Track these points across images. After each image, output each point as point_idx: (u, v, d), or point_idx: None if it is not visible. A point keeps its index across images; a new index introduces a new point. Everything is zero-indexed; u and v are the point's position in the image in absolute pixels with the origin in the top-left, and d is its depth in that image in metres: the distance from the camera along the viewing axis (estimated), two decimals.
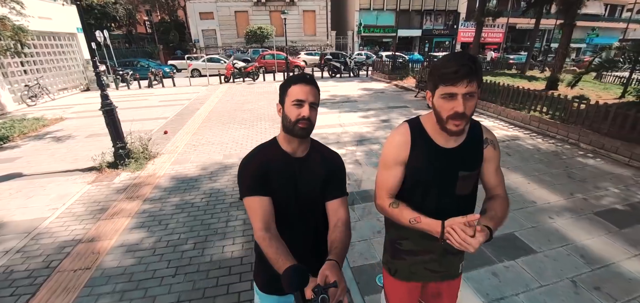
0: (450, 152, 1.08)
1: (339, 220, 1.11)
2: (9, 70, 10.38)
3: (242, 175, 1.09)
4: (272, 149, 1.13)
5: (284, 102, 1.08)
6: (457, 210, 1.07)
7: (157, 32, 28.41)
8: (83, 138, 6.65)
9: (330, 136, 6.25)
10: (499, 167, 1.18)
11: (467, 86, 0.91)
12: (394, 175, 1.14)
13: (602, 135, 5.07)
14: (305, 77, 1.07)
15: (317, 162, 1.15)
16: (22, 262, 2.84)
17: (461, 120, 0.96)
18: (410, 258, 1.25)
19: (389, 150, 1.14)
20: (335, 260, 0.92)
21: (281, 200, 1.10)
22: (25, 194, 4.14)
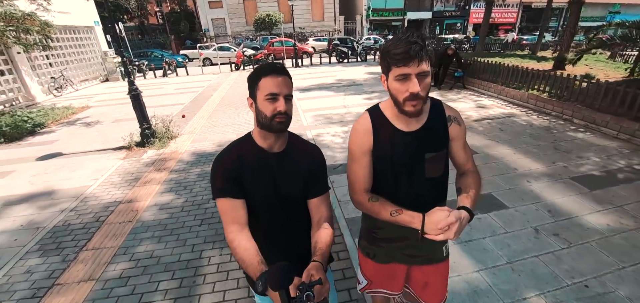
0: (413, 135, 1.07)
1: (321, 218, 1.09)
2: (36, 64, 11.16)
3: (214, 176, 1.03)
4: (247, 146, 1.07)
5: (255, 97, 1.01)
6: (431, 194, 1.10)
7: (167, 22, 29.05)
8: (109, 123, 7.30)
9: (334, 116, 6.69)
10: (466, 143, 1.17)
11: (420, 65, 0.90)
12: (363, 165, 1.11)
13: (594, 110, 5.32)
14: (276, 67, 1.01)
15: (296, 157, 1.10)
16: (76, 217, 3.45)
17: (418, 101, 0.95)
18: (387, 245, 1.25)
19: (353, 140, 1.12)
20: (319, 261, 0.92)
21: (261, 200, 1.06)
22: (68, 168, 4.78)
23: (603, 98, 5.24)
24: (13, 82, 10.09)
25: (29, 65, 10.64)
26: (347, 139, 5.29)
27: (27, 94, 10.50)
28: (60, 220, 3.42)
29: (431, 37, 24.63)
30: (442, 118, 1.10)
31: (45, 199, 3.90)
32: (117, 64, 14.78)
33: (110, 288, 2.46)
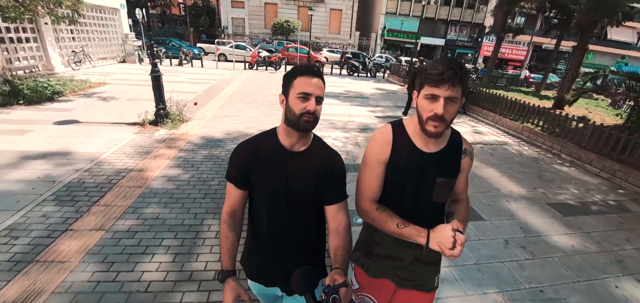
0: (429, 157, 1.09)
1: (340, 225, 1.10)
2: (60, 36, 11.68)
3: (232, 160, 1.12)
4: (269, 141, 1.11)
5: (288, 94, 1.04)
6: (430, 218, 1.11)
7: (189, 15, 29.89)
8: (125, 100, 7.69)
9: (337, 122, 7.03)
10: (467, 176, 1.22)
11: (449, 90, 0.93)
12: (376, 175, 1.13)
13: (581, 148, 5.60)
14: (312, 69, 1.04)
15: (315, 159, 1.11)
16: (90, 177, 3.77)
17: (440, 122, 0.97)
18: (381, 261, 1.26)
19: (371, 148, 1.14)
20: (341, 268, 0.95)
21: (270, 194, 1.09)
22: (84, 135, 5.13)
23: (590, 137, 5.53)
24: (36, 50, 10.59)
25: (54, 37, 11.16)
26: (347, 143, 5.63)
27: (47, 64, 10.99)
28: (75, 178, 3.74)
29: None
30: (458, 148, 1.13)
31: (61, 159, 4.23)
32: (136, 47, 15.32)
33: (119, 239, 2.76)
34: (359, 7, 27.80)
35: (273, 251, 1.14)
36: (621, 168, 4.92)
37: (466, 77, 0.96)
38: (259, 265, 1.19)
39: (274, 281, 1.20)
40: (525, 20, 27.22)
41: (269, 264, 1.17)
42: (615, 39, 29.69)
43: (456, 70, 0.93)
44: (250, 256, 1.22)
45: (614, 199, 4.37)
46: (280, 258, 1.15)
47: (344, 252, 1.04)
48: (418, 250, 1.09)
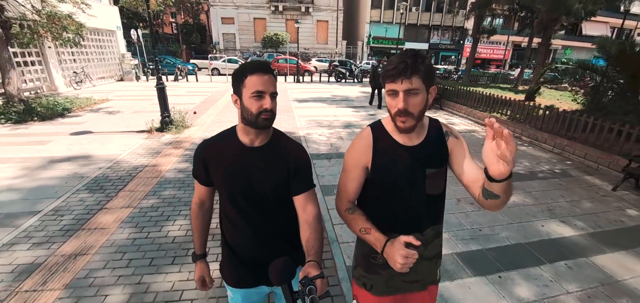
0: (413, 150, 1.06)
1: (309, 215, 1.08)
2: (62, 58, 12.34)
3: (194, 157, 1.14)
4: (228, 140, 1.10)
5: (240, 93, 1.01)
6: (428, 212, 1.09)
7: (181, 33, 30.76)
8: (130, 113, 8.36)
9: (324, 121, 7.78)
10: (472, 159, 1.09)
11: (405, 82, 0.92)
12: (353, 178, 1.12)
13: (538, 130, 6.42)
14: (262, 65, 1.01)
15: (276, 153, 1.10)
16: (112, 172, 4.43)
17: (405, 117, 0.96)
18: (387, 272, 1.16)
19: (350, 153, 1.12)
20: (315, 260, 0.93)
21: (235, 192, 1.09)
22: (99, 142, 5.78)
23: (544, 120, 6.36)
24: (41, 73, 11.23)
25: (57, 59, 11.82)
26: (331, 138, 6.37)
27: (51, 84, 11.61)
28: (100, 173, 4.40)
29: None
30: (440, 134, 1.10)
31: (84, 161, 4.88)
32: (132, 65, 16.02)
33: (145, 212, 3.42)
34: (345, 17, 28.96)
35: (248, 248, 1.14)
36: (569, 144, 5.73)
37: (424, 66, 0.93)
38: (238, 267, 1.18)
39: (257, 278, 1.19)
40: (503, 21, 28.62)
41: (248, 263, 1.17)
42: (590, 34, 31.23)
43: (408, 61, 0.91)
44: (228, 261, 1.21)
45: (560, 168, 5.15)
46: (257, 254, 1.15)
47: (316, 243, 1.01)
48: (422, 247, 1.02)
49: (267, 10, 27.02)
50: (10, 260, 2.61)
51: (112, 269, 2.55)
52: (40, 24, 7.65)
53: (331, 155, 5.37)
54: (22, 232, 3.01)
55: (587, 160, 5.38)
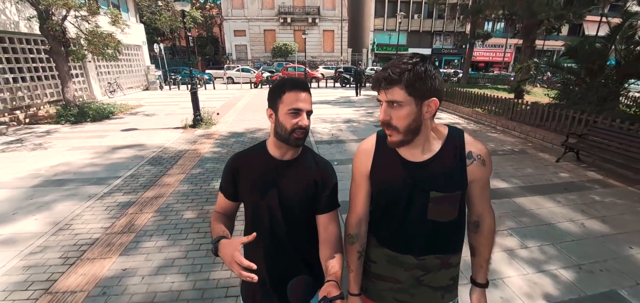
0: (418, 167, 0.93)
1: (331, 235, 1.07)
2: (99, 71, 14.08)
3: (224, 171, 1.14)
4: (259, 154, 1.11)
5: (277, 109, 1.01)
6: (432, 241, 0.98)
7: (196, 45, 32.81)
8: (163, 115, 9.86)
9: (327, 118, 9.08)
10: (487, 185, 0.99)
11: (388, 93, 0.85)
12: (358, 186, 1.06)
13: (509, 120, 7.54)
14: (301, 82, 1.01)
15: (305, 167, 1.10)
16: (164, 154, 5.82)
17: (389, 129, 0.89)
18: (379, 282, 1.11)
19: (354, 161, 1.07)
20: (335, 280, 0.91)
21: (263, 206, 1.08)
22: (147, 135, 7.22)
23: (513, 112, 7.48)
24: (82, 83, 12.94)
25: (95, 72, 13.55)
26: (332, 130, 7.65)
27: (90, 93, 13.31)
28: (155, 155, 5.79)
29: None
30: (460, 153, 0.93)
31: (140, 148, 6.29)
32: (156, 76, 17.78)
33: (195, 176, 4.76)
34: (350, 26, 30.45)
35: (271, 264, 1.09)
36: (531, 130, 6.84)
37: (412, 76, 0.81)
38: (259, 285, 1.11)
39: (276, 298, 1.15)
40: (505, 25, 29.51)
41: (268, 280, 1.12)
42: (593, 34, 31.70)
43: (390, 71, 0.83)
44: (247, 282, 1.13)
45: (519, 148, 6.28)
46: (277, 272, 1.11)
47: (337, 263, 0.98)
48: (419, 271, 0.99)
49: (277, 22, 28.74)
50: (114, 200, 3.97)
51: (182, 203, 3.87)
52: (91, 42, 9.24)
53: (331, 141, 6.65)
54: (114, 187, 4.38)
55: (544, 142, 6.48)
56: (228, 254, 0.92)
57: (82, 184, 4.47)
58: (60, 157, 5.65)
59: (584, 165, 5.30)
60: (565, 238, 3.18)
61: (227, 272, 2.63)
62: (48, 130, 7.90)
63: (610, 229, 3.34)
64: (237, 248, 0.91)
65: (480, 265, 1.07)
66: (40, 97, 10.64)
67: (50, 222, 3.45)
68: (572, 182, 4.60)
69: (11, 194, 4.14)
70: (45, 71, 10.92)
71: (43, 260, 2.81)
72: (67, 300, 2.35)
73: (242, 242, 0.93)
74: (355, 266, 1.08)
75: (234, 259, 0.89)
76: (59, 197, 4.05)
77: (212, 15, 35.36)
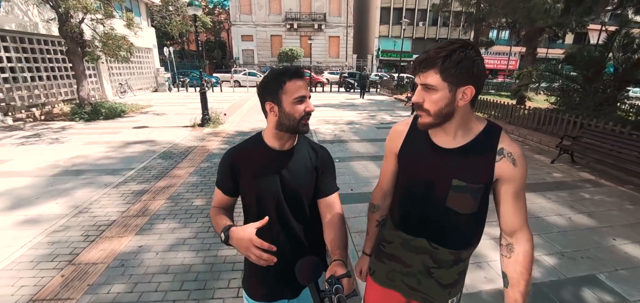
0: (444, 152, 0.94)
1: (334, 217, 1.09)
2: (111, 72, 14.56)
3: (219, 166, 1.13)
4: (256, 146, 1.11)
5: (280, 100, 1.00)
6: (444, 227, 0.98)
7: (204, 49, 33.49)
8: (173, 115, 10.22)
9: (330, 120, 9.35)
10: (522, 194, 0.93)
11: (423, 77, 0.85)
12: (388, 164, 1.13)
13: (507, 123, 7.72)
14: (301, 70, 1.03)
15: (303, 155, 1.12)
16: (174, 149, 6.11)
17: (421, 111, 0.90)
18: (390, 263, 1.14)
19: (388, 138, 1.10)
20: (341, 260, 0.94)
21: (267, 197, 1.08)
22: (157, 133, 7.54)
23: (511, 116, 7.66)
24: (95, 84, 13.40)
25: (107, 73, 14.03)
26: (335, 130, 7.91)
27: (102, 93, 13.77)
28: (165, 150, 6.09)
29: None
30: (492, 147, 0.91)
31: (151, 143, 6.60)
32: (166, 78, 18.26)
33: (203, 169, 5.03)
34: (355, 32, 30.87)
35: (278, 254, 1.00)
36: (529, 133, 7.01)
37: (449, 62, 0.81)
38: (263, 276, 1.15)
39: (280, 288, 1.17)
40: (509, 33, 29.67)
41: (274, 270, 1.07)
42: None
43: (428, 55, 0.83)
44: (251, 271, 1.18)
45: None
46: (285, 260, 1.07)
47: (341, 243, 1.02)
48: (430, 261, 1.01)
49: (283, 28, 29.27)
50: (129, 189, 4.25)
51: (192, 192, 4.14)
52: (105, 44, 9.65)
53: (333, 141, 6.90)
54: (128, 177, 4.67)
55: (541, 145, 6.64)
56: (245, 239, 0.93)
57: (98, 174, 4.76)
58: (76, 150, 5.97)
59: (578, 166, 5.46)
60: (551, 229, 3.36)
61: (233, 249, 2.88)
62: (63, 126, 8.28)
63: (596, 223, 3.52)
64: (253, 233, 0.93)
65: (514, 299, 0.95)
66: (55, 95, 11.10)
67: (70, 206, 3.74)
68: (564, 181, 4.77)
69: (33, 182, 4.44)
70: (61, 71, 11.41)
71: (66, 237, 3.08)
72: (89, 270, 2.61)
73: (256, 226, 0.94)
74: (372, 231, 1.22)
75: (252, 243, 0.91)
76: (77, 185, 4.35)
77: (220, 20, 36.11)
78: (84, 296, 2.32)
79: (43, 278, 2.50)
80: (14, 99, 9.36)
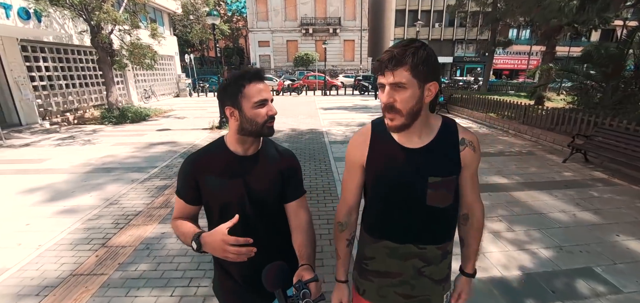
0: (415, 153, 0.94)
1: (302, 221, 1.08)
2: (136, 79, 15.45)
3: (180, 174, 1.08)
4: (218, 152, 1.07)
5: (239, 105, 0.98)
6: (431, 226, 0.99)
7: (222, 55, 34.63)
8: (193, 118, 10.77)
9: (343, 122, 9.56)
10: (476, 174, 1.03)
11: (389, 75, 0.84)
12: (351, 177, 1.07)
13: (520, 124, 7.64)
14: (260, 73, 1.01)
15: (268, 160, 1.10)
16: (194, 150, 6.50)
17: (392, 113, 0.88)
18: (378, 280, 1.09)
19: (348, 149, 1.06)
20: (308, 264, 0.94)
21: (231, 204, 1.05)
22: (179, 134, 8.03)
23: (524, 116, 7.58)
24: (122, 90, 14.28)
25: (133, 79, 14.90)
26: (346, 131, 8.11)
27: (128, 99, 14.64)
28: (186, 150, 6.51)
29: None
30: (454, 139, 0.97)
31: (173, 144, 7.06)
32: (187, 84, 19.12)
33: None
34: (370, 35, 30.95)
35: (244, 264, 0.97)
36: (542, 133, 6.93)
37: (416, 58, 0.82)
38: (237, 288, 1.14)
39: (250, 296, 1.14)
40: (530, 32, 28.79)
41: (249, 279, 1.10)
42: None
43: (394, 52, 0.83)
44: (221, 280, 1.16)
45: (528, 150, 6.40)
46: (253, 266, 1.01)
47: (308, 249, 1.01)
48: (420, 262, 1.01)
49: (299, 33, 29.80)
50: (153, 184, 4.64)
51: None
52: (132, 53, 10.35)
53: (344, 141, 7.11)
54: (152, 174, 5.08)
55: (554, 144, 6.56)
56: (217, 241, 0.90)
57: (126, 172, 5.21)
58: (106, 151, 6.51)
59: (591, 166, 5.38)
60: (553, 225, 3.42)
61: None
62: (94, 129, 8.96)
63: (601, 220, 3.54)
64: (225, 232, 0.90)
65: (469, 256, 1.11)
66: (87, 101, 11.97)
67: (102, 198, 4.16)
68: (574, 180, 4.75)
69: (69, 177, 4.94)
70: (91, 78, 12.28)
71: (99, 225, 3.47)
72: (119, 252, 2.95)
73: (227, 227, 0.91)
74: (343, 253, 1.13)
75: (226, 243, 0.89)
76: (107, 181, 4.79)
77: (238, 27, 37.19)
78: (115, 272, 2.65)
79: (80, 257, 2.87)
80: (51, 104, 10.21)
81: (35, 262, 2.82)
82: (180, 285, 2.52)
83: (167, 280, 2.57)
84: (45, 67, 10.03)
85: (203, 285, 2.51)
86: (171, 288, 2.49)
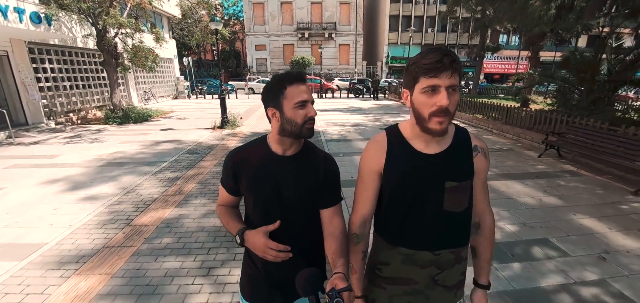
0: (433, 159, 0.96)
1: (336, 229, 1.08)
2: (136, 81, 15.80)
3: (224, 165, 1.14)
4: (259, 149, 1.11)
5: (281, 106, 1.01)
6: (448, 231, 1.00)
7: (220, 58, 35.05)
8: (194, 118, 11.18)
9: (338, 122, 10.07)
10: (486, 182, 1.06)
11: (451, 78, 0.84)
12: (366, 186, 1.05)
13: (504, 124, 8.22)
14: (301, 75, 1.03)
15: (308, 162, 1.11)
16: (198, 147, 6.95)
17: (445, 117, 0.87)
18: (390, 287, 1.08)
19: (364, 158, 1.05)
20: (342, 273, 0.93)
21: (263, 201, 1.09)
22: (182, 134, 8.45)
23: (506, 116, 8.17)
24: (123, 91, 14.61)
25: (134, 81, 15.25)
26: (342, 131, 8.61)
27: (129, 100, 14.96)
28: (191, 147, 6.94)
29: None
30: (467, 145, 1.00)
31: (178, 142, 7.48)
32: (185, 86, 19.50)
33: None
34: (365, 39, 31.63)
35: (269, 262, 1.04)
36: (522, 132, 7.50)
37: (460, 64, 0.87)
38: (260, 280, 1.17)
39: (273, 297, 1.17)
40: (519, 37, 29.75)
41: (271, 275, 1.15)
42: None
43: (453, 56, 0.84)
44: (249, 274, 1.20)
45: (508, 147, 6.96)
46: (280, 268, 1.08)
47: (343, 256, 1.01)
48: (435, 269, 1.00)
49: (295, 37, 30.36)
50: (165, 176, 5.07)
51: (217, 179, 4.91)
52: (135, 55, 10.74)
53: (339, 139, 7.61)
54: (162, 168, 5.50)
55: (533, 142, 7.12)
56: (260, 243, 1.02)
57: (137, 165, 5.62)
58: (115, 148, 6.90)
59: (563, 160, 5.94)
60: (520, 207, 3.93)
61: None
62: (99, 128, 9.33)
63: (563, 203, 4.06)
64: (267, 237, 1.01)
65: (482, 266, 1.10)
66: (89, 102, 12.30)
67: (120, 188, 4.57)
68: (546, 172, 5.29)
69: (85, 171, 5.34)
70: (94, 80, 12.63)
71: (121, 208, 3.89)
72: (143, 230, 3.38)
73: (268, 230, 1.02)
74: (358, 267, 1.09)
75: (268, 246, 1.00)
76: (122, 173, 5.21)
77: (235, 31, 37.64)
78: (142, 244, 3.09)
79: (109, 234, 3.30)
80: (56, 105, 10.54)
81: (70, 238, 3.23)
82: (200, 253, 2.97)
83: (188, 250, 3.01)
84: (51, 68, 10.37)
85: (220, 253, 2.96)
86: (193, 255, 2.93)
